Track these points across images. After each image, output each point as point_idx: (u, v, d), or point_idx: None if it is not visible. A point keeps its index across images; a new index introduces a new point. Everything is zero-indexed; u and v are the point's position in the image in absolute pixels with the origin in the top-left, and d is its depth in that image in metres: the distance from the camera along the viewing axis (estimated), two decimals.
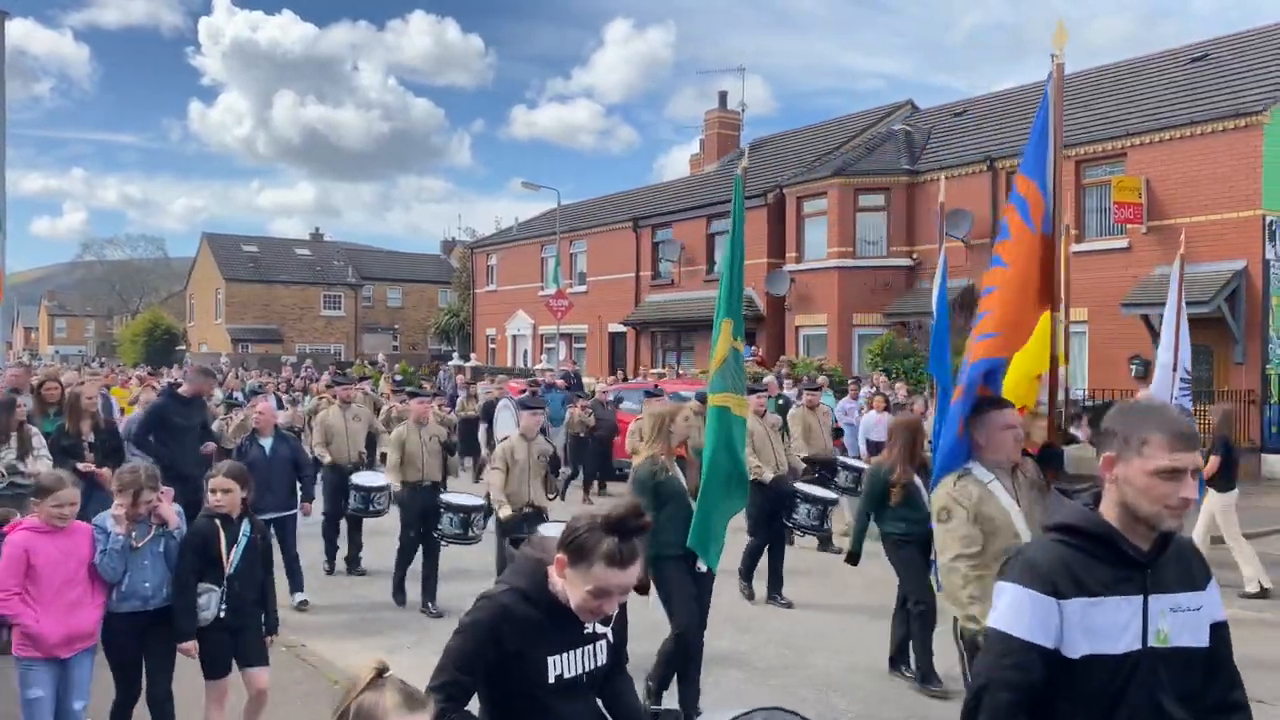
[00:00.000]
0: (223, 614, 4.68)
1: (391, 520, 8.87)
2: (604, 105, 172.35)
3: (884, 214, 22.31)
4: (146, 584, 4.64)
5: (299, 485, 8.25)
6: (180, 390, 8.89)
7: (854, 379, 16.01)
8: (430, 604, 8.05)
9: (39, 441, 7.20)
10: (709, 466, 5.27)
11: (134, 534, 4.60)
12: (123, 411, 14.52)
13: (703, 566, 5.45)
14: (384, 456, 10.30)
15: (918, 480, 6.18)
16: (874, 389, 15.06)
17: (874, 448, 13.80)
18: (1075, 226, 19.17)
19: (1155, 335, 17.51)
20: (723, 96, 32.29)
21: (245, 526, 4.83)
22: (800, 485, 8.69)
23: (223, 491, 4.74)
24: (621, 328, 29.19)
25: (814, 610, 8.23)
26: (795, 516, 8.37)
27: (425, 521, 8.13)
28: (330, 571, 9.38)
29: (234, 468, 4.99)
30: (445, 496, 8.25)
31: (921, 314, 19.76)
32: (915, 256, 21.93)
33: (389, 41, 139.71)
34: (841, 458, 11.32)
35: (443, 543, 7.99)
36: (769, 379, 15.52)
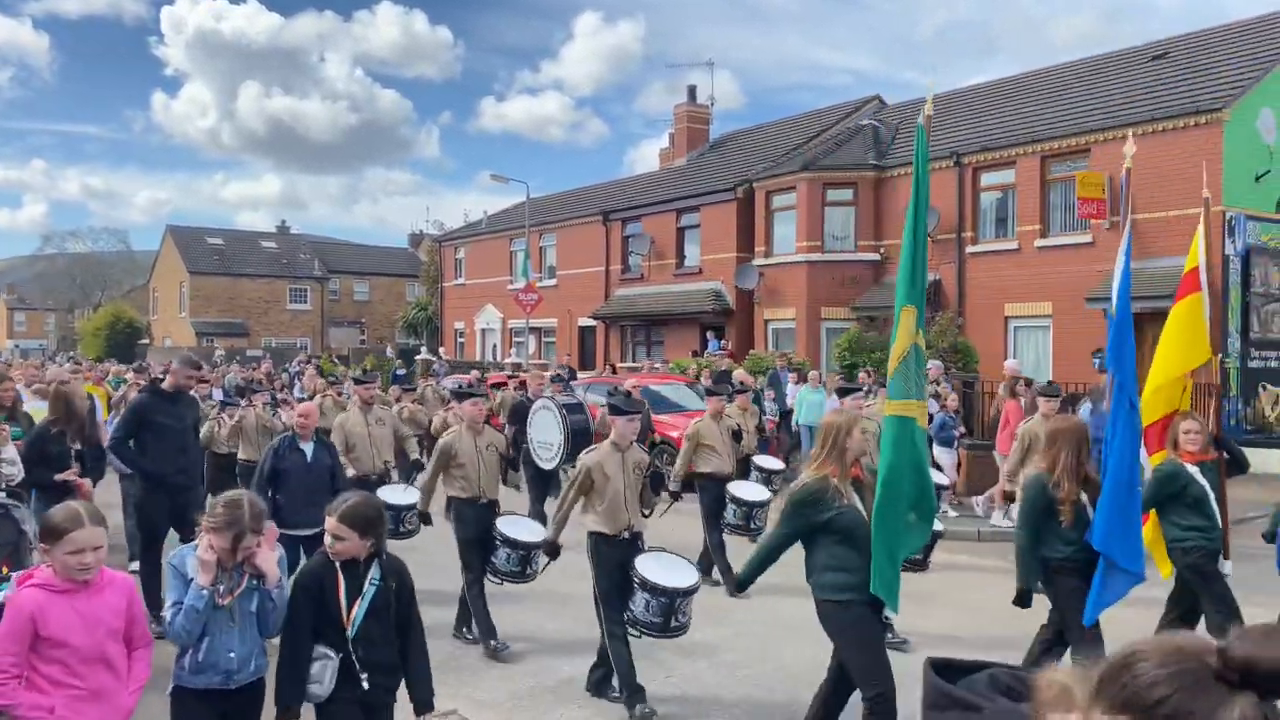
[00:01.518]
0: (358, 685, 3.60)
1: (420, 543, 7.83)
2: (573, 98, 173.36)
3: (852, 209, 22.43)
4: (232, 653, 3.53)
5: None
6: (164, 385, 7.70)
7: (840, 374, 15.48)
8: (465, 629, 7.14)
9: (9, 453, 6.36)
10: (889, 490, 4.38)
11: (221, 586, 3.52)
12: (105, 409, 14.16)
13: (889, 615, 4.52)
14: (416, 466, 9.18)
15: (1083, 496, 5.19)
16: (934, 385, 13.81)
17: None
18: (1040, 222, 19.41)
19: None
20: (692, 90, 32.30)
21: (374, 572, 3.70)
22: (730, 486, 8.66)
23: (335, 538, 3.66)
24: (591, 321, 29.14)
25: (786, 602, 8.22)
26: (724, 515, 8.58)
27: (484, 547, 6.82)
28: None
29: (353, 512, 3.68)
30: (502, 527, 6.79)
31: (888, 308, 19.84)
32: (883, 251, 22.06)
33: (356, 32, 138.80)
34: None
35: (495, 581, 6.77)
36: (738, 373, 15.57)
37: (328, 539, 3.69)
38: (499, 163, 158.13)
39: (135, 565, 8.37)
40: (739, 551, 8.07)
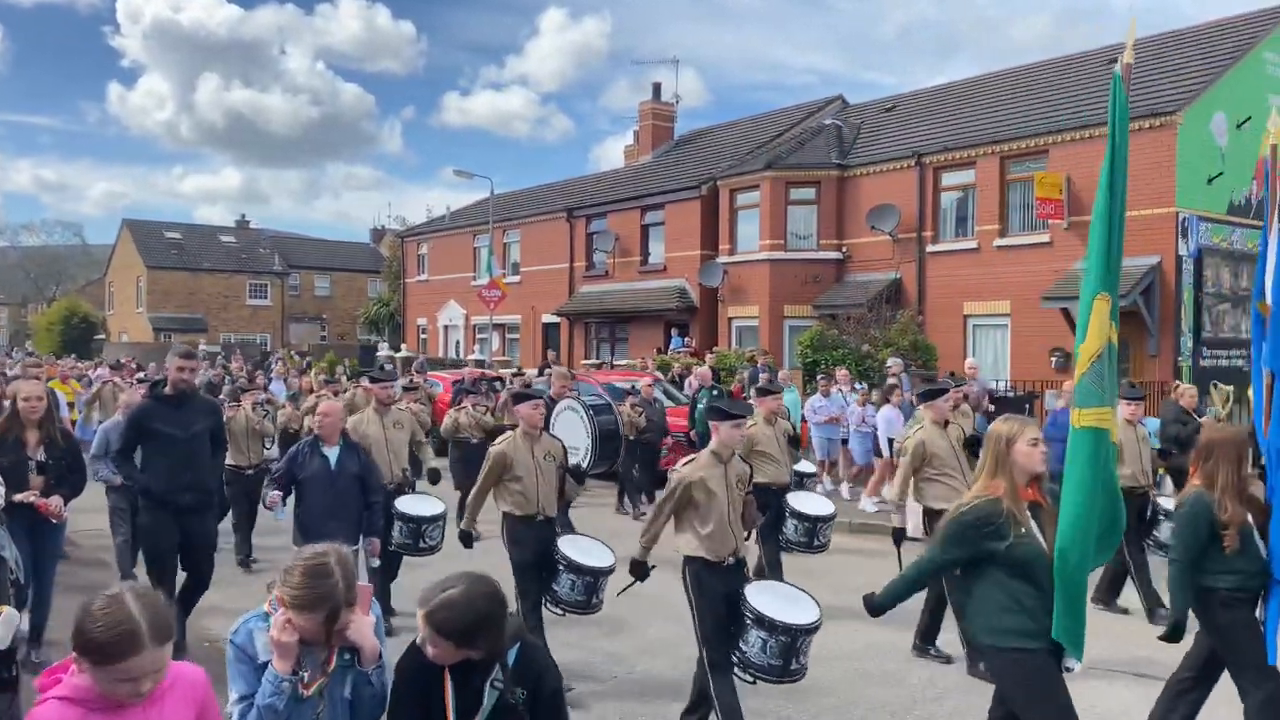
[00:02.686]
0: None
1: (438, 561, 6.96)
2: (539, 94, 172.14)
3: (814, 207, 22.58)
4: None
5: (366, 513, 6.31)
6: (168, 388, 6.32)
7: (823, 376, 14.85)
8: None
9: None
10: (1080, 516, 3.67)
11: (305, 672, 2.66)
12: (70, 409, 13.41)
13: (1071, 664, 3.76)
14: (432, 475, 8.48)
15: (1249, 517, 4.51)
16: (892, 381, 13.48)
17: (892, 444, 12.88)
18: (999, 222, 19.67)
19: (1075, 328, 18.05)
20: (657, 88, 32.33)
21: (495, 675, 2.76)
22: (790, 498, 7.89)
23: (427, 642, 2.74)
24: (555, 318, 29.08)
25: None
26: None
27: (542, 571, 5.98)
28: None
29: (446, 620, 2.67)
30: (566, 549, 5.95)
31: (850, 306, 20.06)
32: (845, 250, 22.24)
33: (318, 26, 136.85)
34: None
35: (557, 611, 5.93)
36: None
37: (420, 634, 2.74)
38: (463, 158, 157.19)
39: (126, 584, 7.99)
40: (797, 568, 7.79)
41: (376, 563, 6.46)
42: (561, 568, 5.83)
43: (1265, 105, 18.72)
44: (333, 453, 6.27)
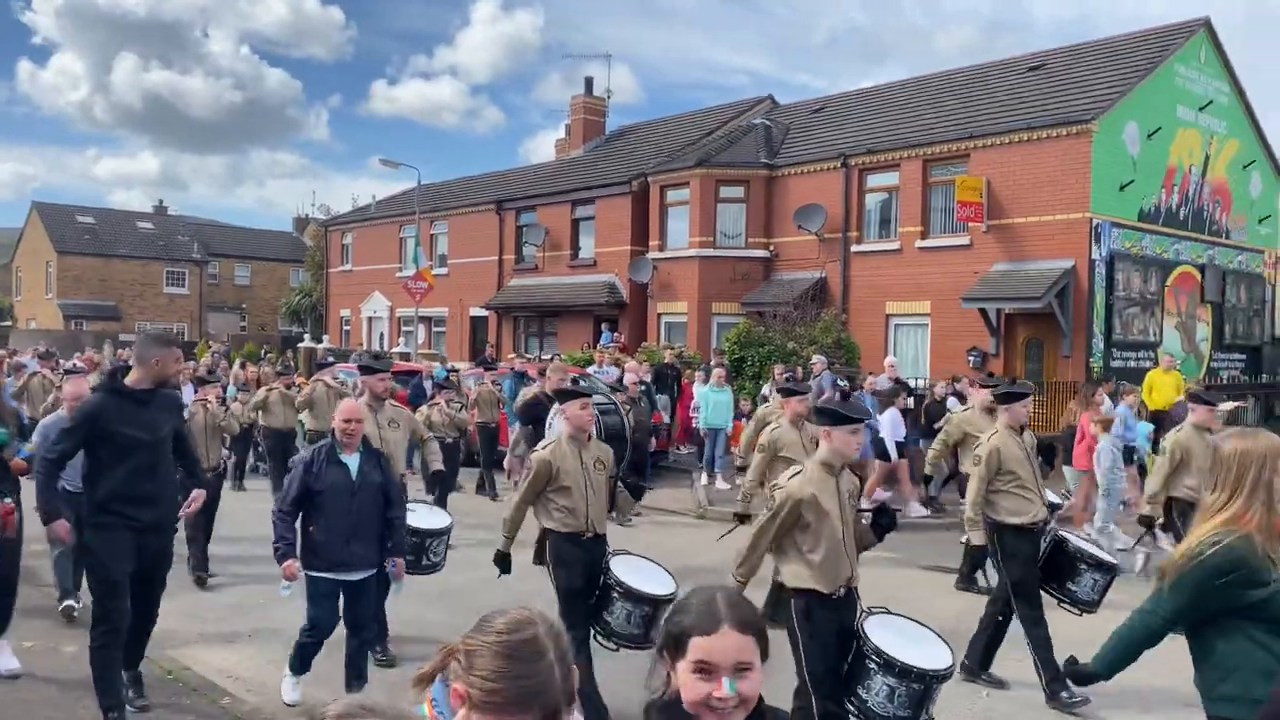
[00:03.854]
0: None
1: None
2: (469, 85, 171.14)
3: (743, 206, 22.76)
4: None
5: (389, 529, 5.53)
6: (130, 380, 5.25)
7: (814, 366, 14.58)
8: None
9: None
10: None
11: None
12: None
13: None
14: (436, 479, 7.83)
15: None
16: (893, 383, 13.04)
17: (900, 449, 12.72)
18: (921, 224, 20.07)
19: (992, 328, 18.54)
20: (589, 82, 32.23)
21: None
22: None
23: None
24: (483, 311, 28.82)
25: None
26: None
27: (591, 597, 5.28)
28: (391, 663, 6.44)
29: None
30: (618, 571, 5.17)
31: (777, 304, 20.28)
32: (772, 249, 22.46)
33: (242, 9, 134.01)
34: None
35: (610, 645, 5.13)
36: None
37: None
38: (391, 147, 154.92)
39: (68, 604, 7.03)
40: None
41: (402, 588, 5.76)
42: (616, 595, 5.04)
43: (1175, 116, 19.46)
44: (353, 461, 5.40)
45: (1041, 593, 6.11)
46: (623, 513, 5.74)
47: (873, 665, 4.16)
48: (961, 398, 13.09)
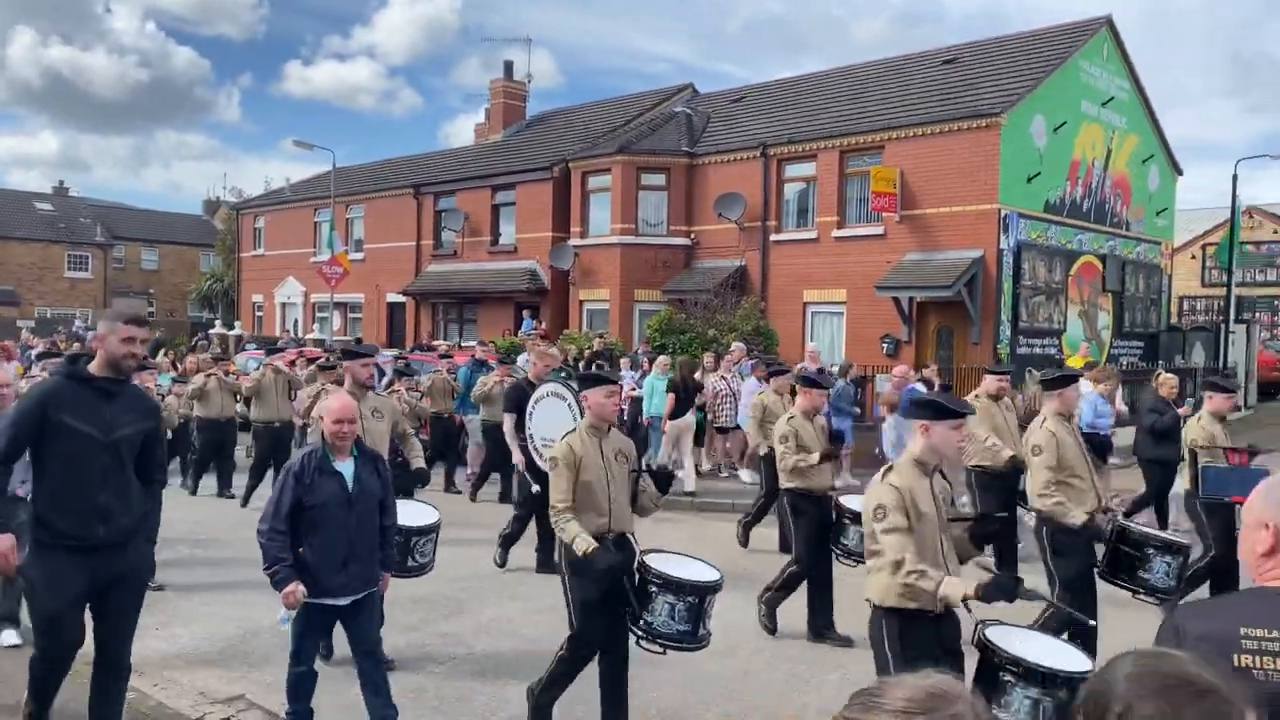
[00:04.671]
0: None
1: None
2: (386, 66, 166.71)
3: (664, 193, 22.86)
4: None
5: (380, 538, 4.82)
6: (94, 367, 4.28)
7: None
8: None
9: None
10: None
11: None
12: None
13: None
14: (418, 477, 6.72)
15: None
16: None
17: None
18: (837, 213, 20.44)
19: (905, 316, 19.01)
20: (509, 66, 31.92)
21: None
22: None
23: None
24: (401, 298, 28.41)
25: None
26: (845, 542, 6.56)
27: (613, 613, 4.71)
28: (330, 655, 5.77)
29: None
30: (655, 563, 4.67)
31: (698, 291, 20.45)
32: (693, 237, 22.62)
33: None
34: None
35: (656, 649, 4.65)
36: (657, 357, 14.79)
37: None
38: (304, 130, 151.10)
39: (7, 638, 5.98)
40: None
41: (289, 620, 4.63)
42: (654, 589, 4.54)
43: (1079, 111, 20.16)
44: (347, 468, 4.64)
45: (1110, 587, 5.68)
46: (645, 511, 5.14)
47: (1010, 679, 3.68)
48: (930, 385, 12.81)
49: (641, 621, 4.58)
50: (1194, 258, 33.79)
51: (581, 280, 23.60)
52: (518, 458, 8.69)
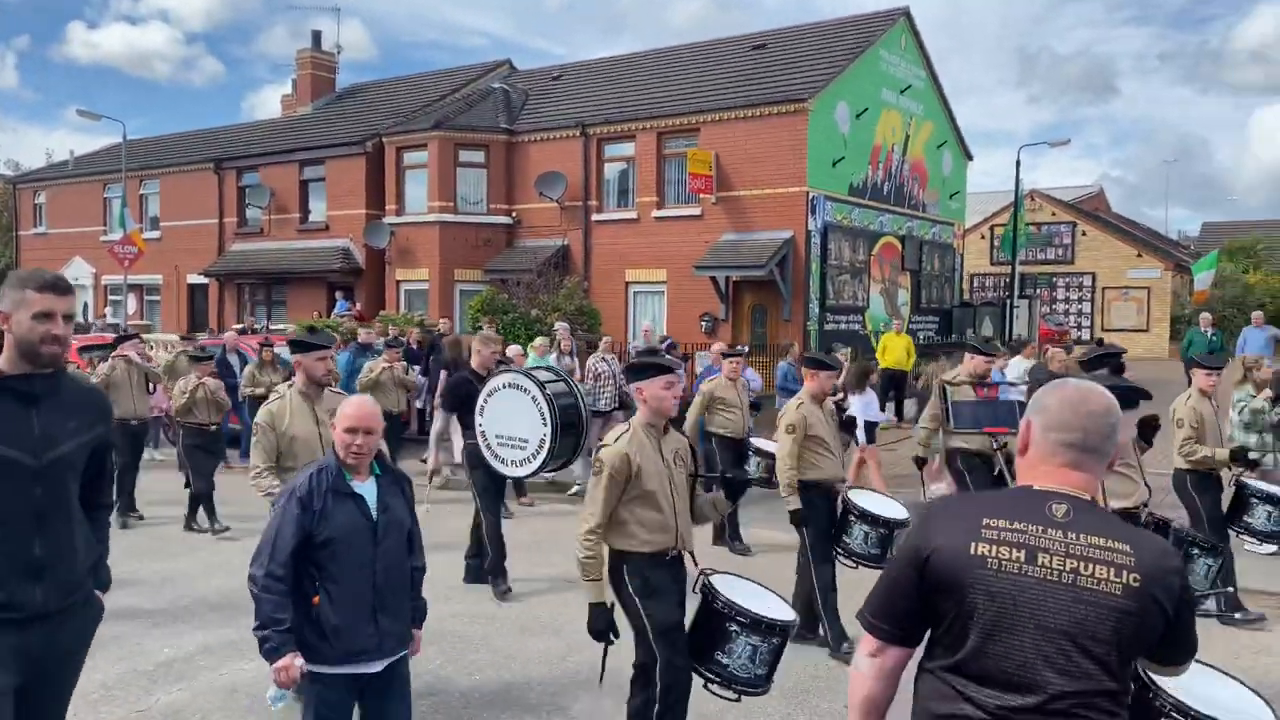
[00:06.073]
0: None
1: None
2: (184, 32, 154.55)
3: (484, 171, 22.55)
4: None
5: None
6: (1, 362, 2.95)
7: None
8: None
9: None
10: None
11: None
12: None
13: None
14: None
15: None
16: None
17: (870, 430, 11.20)
18: (656, 194, 20.77)
19: (722, 295, 19.58)
20: (317, 36, 30.56)
21: None
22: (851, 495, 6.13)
23: None
24: (202, 279, 26.82)
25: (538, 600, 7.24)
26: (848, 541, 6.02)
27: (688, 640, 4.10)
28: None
29: None
30: (733, 594, 4.02)
31: (520, 271, 20.33)
32: (515, 215, 22.44)
33: None
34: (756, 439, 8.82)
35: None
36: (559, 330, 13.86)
37: None
38: (92, 98, 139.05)
39: None
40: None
41: (286, 699, 3.55)
42: (736, 630, 3.89)
43: (879, 98, 21.24)
44: (368, 489, 3.60)
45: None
46: (704, 520, 4.44)
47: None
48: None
49: (715, 662, 3.90)
50: (983, 238, 36.28)
51: (398, 259, 22.99)
52: (434, 463, 7.78)
